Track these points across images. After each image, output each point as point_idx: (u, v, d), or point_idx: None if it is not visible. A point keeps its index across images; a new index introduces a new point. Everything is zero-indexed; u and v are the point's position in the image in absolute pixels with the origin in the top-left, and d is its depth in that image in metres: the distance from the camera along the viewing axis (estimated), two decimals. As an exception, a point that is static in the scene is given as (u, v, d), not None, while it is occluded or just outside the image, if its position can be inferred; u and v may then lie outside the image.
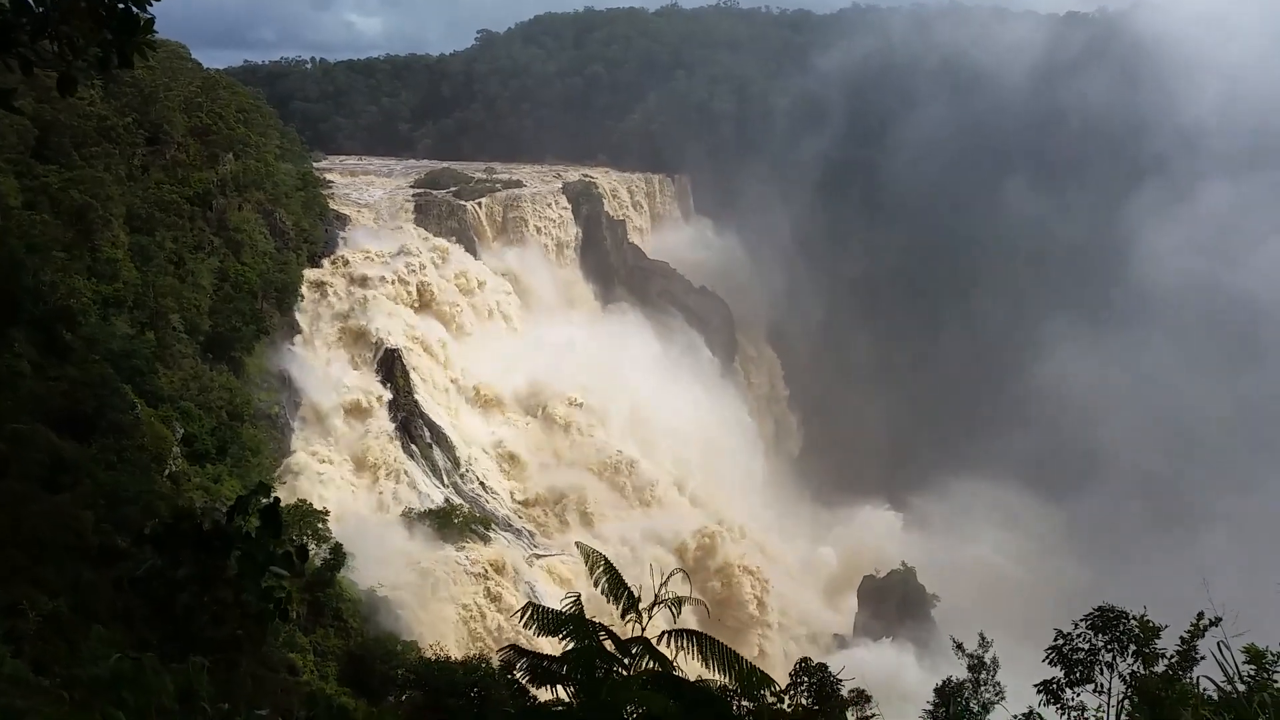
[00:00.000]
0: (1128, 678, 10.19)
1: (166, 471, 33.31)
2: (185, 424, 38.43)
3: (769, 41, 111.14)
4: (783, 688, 16.40)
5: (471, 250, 69.77)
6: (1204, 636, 9.76)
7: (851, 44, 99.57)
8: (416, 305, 60.79)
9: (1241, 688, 7.00)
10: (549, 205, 79.02)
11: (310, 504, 40.26)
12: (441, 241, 66.60)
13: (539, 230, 76.98)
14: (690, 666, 9.22)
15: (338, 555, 36.56)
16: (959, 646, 14.43)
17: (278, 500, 4.53)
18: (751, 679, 9.77)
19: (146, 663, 5.94)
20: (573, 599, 9.21)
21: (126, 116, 46.50)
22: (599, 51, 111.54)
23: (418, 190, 77.02)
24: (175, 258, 45.14)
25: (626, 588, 9.14)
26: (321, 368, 54.21)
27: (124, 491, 26.49)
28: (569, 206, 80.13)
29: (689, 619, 9.39)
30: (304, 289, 56.56)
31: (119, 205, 42.45)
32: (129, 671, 5.77)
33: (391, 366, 55.81)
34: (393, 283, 59.87)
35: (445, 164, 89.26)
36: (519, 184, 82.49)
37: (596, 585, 9.31)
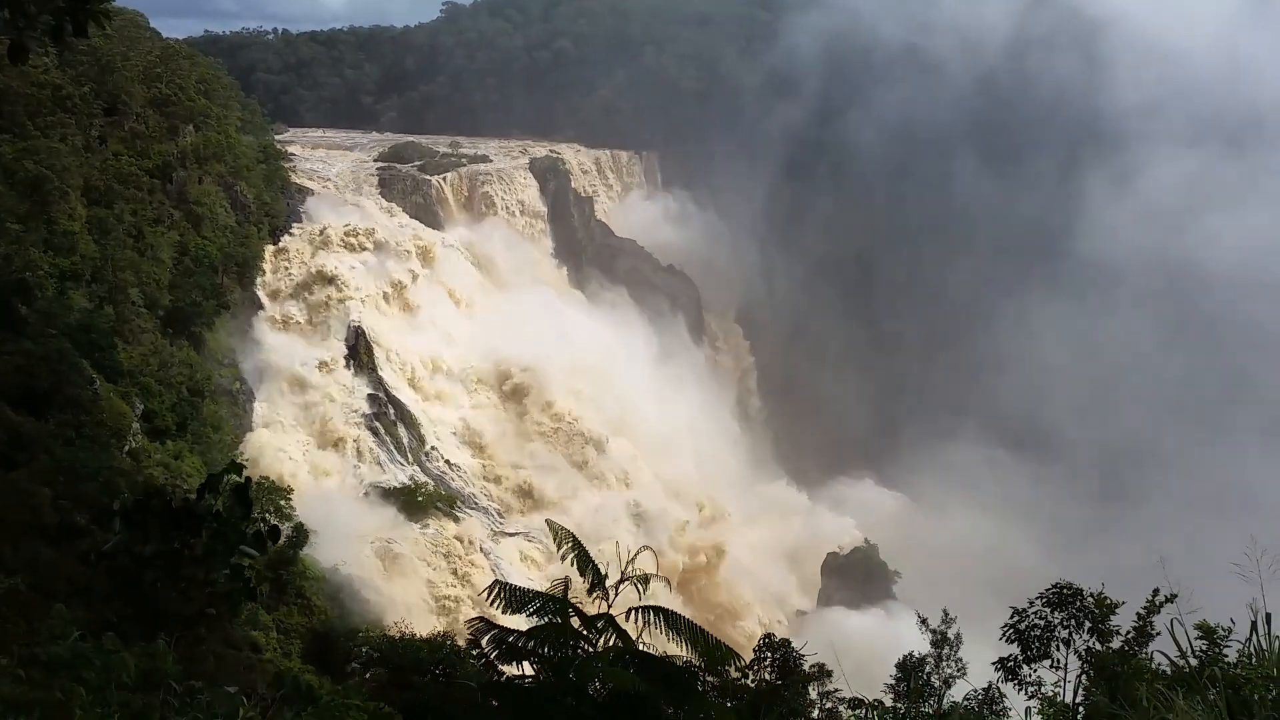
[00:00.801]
0: (1084, 654, 10.39)
1: (126, 448, 32.85)
2: (145, 400, 37.90)
3: (737, 18, 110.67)
4: (747, 663, 16.58)
5: (436, 226, 69.14)
6: (1159, 613, 9.98)
7: (820, 22, 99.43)
8: (383, 282, 60.12)
9: (1194, 662, 7.17)
10: (515, 181, 78.44)
11: (273, 481, 39.93)
12: (426, 234, 65.53)
13: (505, 206, 76.44)
14: (657, 642, 9.28)
15: (300, 533, 36.29)
16: (923, 622, 14.63)
17: (249, 480, 4.49)
18: (716, 654, 9.85)
19: (107, 642, 5.87)
20: (560, 583, 9.22)
21: (83, 86, 45.42)
22: (566, 26, 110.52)
23: (382, 164, 76.17)
24: (134, 231, 44.32)
25: (593, 564, 9.16)
26: (285, 344, 53.59)
27: (83, 468, 26.07)
28: (536, 182, 79.59)
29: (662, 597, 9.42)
30: (267, 264, 55.82)
31: (76, 177, 41.57)
32: (89, 651, 5.70)
33: (356, 344, 55.34)
34: (360, 254, 59.22)
35: (410, 138, 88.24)
36: (485, 159, 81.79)
37: (564, 560, 9.32)
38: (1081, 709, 9.09)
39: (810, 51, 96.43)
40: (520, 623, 9.13)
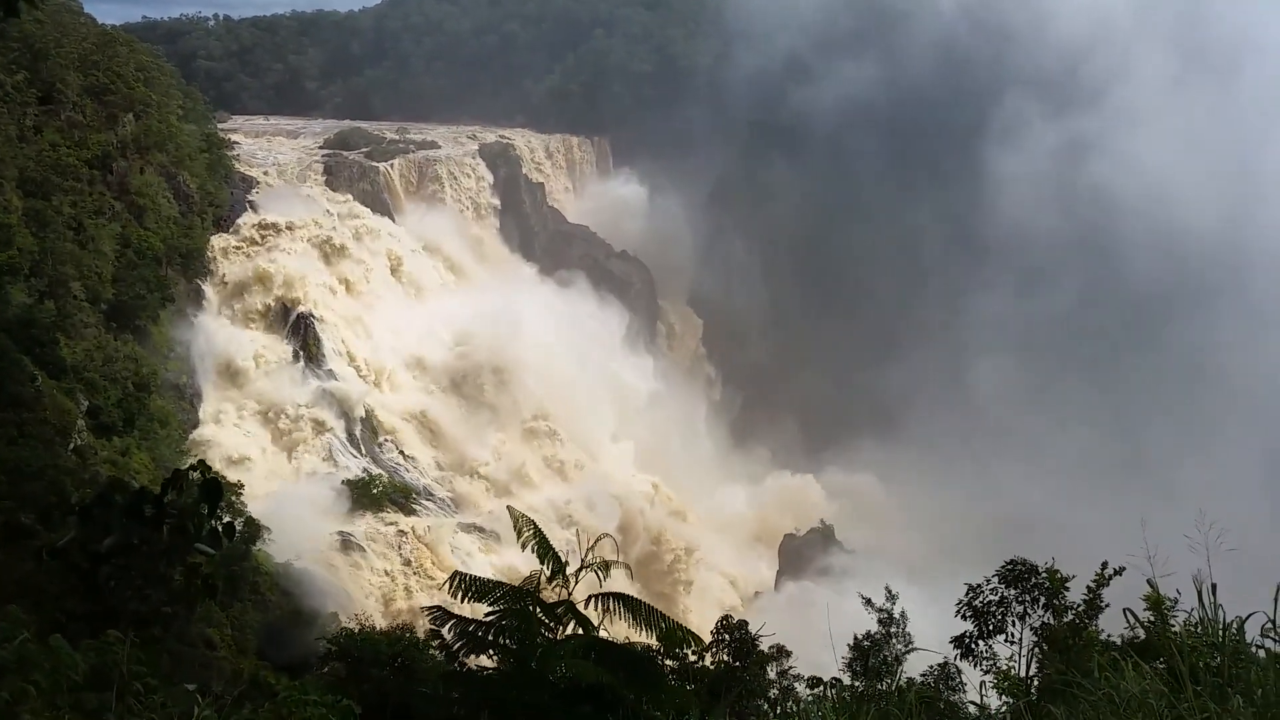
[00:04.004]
0: (1037, 628, 10.61)
1: (71, 445, 32.20)
2: (90, 396, 37.16)
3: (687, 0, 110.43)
4: (705, 645, 16.69)
5: (384, 213, 68.25)
6: (1108, 585, 10.20)
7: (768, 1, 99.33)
8: (331, 271, 59.32)
9: (1141, 634, 7.35)
10: (465, 167, 77.65)
11: (224, 476, 39.32)
12: (369, 220, 64.59)
13: (455, 193, 75.68)
14: (617, 627, 9.30)
15: (253, 527, 35.85)
16: (868, 601, 14.84)
17: (217, 476, 4.40)
18: (674, 637, 9.91)
19: (55, 644, 5.74)
20: (529, 578, 9.19)
21: (15, 74, 44.21)
22: (514, 9, 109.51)
23: (327, 151, 74.91)
24: (74, 223, 43.30)
25: (553, 552, 9.14)
26: (231, 335, 52.75)
27: (27, 467, 25.57)
28: (486, 169, 78.87)
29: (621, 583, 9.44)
30: (212, 255, 54.85)
31: (11, 168, 40.58)
32: (34, 655, 5.56)
33: (305, 334, 54.60)
34: (307, 243, 58.41)
35: (356, 124, 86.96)
36: (434, 145, 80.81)
37: (525, 548, 9.29)
38: (1035, 681, 9.28)
39: (760, 30, 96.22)
40: (480, 612, 9.09)
